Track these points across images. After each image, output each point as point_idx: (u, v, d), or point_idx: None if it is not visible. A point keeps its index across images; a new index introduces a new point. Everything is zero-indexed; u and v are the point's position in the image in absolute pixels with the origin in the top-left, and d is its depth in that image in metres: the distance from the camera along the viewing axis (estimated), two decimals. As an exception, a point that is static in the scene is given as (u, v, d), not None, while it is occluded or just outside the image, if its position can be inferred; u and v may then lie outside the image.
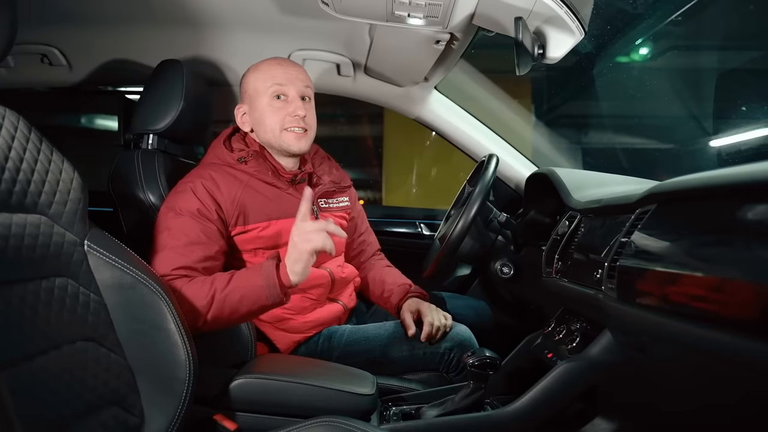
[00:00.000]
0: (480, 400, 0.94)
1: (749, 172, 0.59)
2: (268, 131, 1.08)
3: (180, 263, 0.93)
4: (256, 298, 0.89)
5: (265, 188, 1.08)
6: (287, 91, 1.07)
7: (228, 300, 0.89)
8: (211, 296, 0.89)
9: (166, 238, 0.96)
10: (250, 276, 0.91)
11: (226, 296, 0.89)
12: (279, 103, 1.07)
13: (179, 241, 0.95)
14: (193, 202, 0.99)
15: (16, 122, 0.70)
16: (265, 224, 1.05)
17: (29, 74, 1.45)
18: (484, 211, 1.37)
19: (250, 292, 0.89)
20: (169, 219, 0.98)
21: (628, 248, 0.77)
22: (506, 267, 1.37)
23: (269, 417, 0.86)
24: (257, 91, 1.08)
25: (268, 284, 0.89)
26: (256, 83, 1.09)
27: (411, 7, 0.95)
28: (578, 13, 0.93)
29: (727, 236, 0.61)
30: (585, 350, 0.88)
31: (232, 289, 0.90)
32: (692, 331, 0.61)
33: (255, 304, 0.90)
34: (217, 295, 0.89)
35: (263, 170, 1.08)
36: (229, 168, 1.07)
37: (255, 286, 0.89)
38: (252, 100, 1.10)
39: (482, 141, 1.58)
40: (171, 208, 0.99)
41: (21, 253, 0.65)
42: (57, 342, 0.66)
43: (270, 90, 1.07)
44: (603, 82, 3.06)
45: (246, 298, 0.89)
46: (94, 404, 0.68)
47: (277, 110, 1.07)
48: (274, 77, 1.07)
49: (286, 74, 1.08)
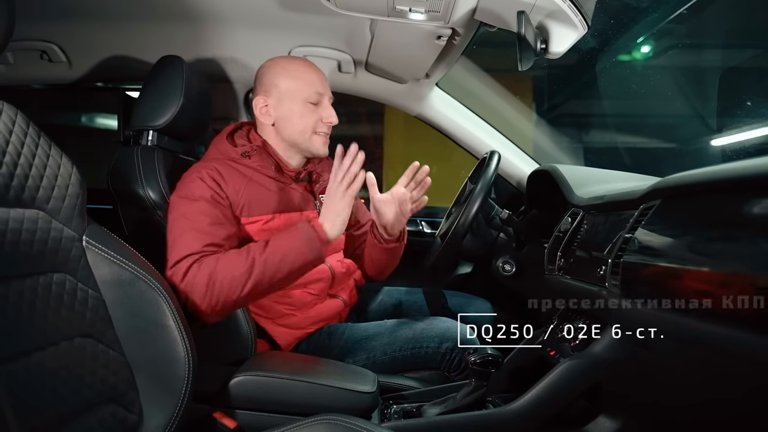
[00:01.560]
0: (482, 398, 0.94)
1: (753, 166, 0.58)
2: (297, 131, 1.10)
3: (208, 240, 0.94)
4: (297, 255, 0.93)
5: (269, 182, 1.09)
6: (323, 98, 1.12)
7: (269, 262, 0.92)
8: (250, 262, 0.91)
9: (187, 222, 0.97)
10: (288, 236, 0.95)
11: (266, 259, 0.92)
12: (313, 107, 1.11)
13: (201, 223, 0.96)
14: (206, 189, 1.00)
15: (14, 116, 0.69)
16: (269, 217, 1.06)
17: (28, 71, 1.45)
18: (485, 208, 1.37)
19: (291, 251, 0.93)
20: (184, 206, 0.99)
21: (632, 244, 0.76)
22: (508, 264, 1.36)
23: (269, 415, 0.85)
24: (291, 91, 1.09)
25: (309, 238, 0.93)
26: (291, 83, 1.09)
27: (412, 2, 0.95)
28: (581, 7, 0.92)
29: (732, 231, 0.60)
30: (588, 348, 0.87)
31: (272, 252, 0.92)
32: (697, 327, 0.61)
33: (296, 261, 0.93)
34: (257, 259, 0.91)
35: (266, 165, 1.09)
36: (233, 162, 1.07)
37: (294, 244, 0.93)
38: (283, 98, 1.10)
39: (483, 138, 1.57)
40: (184, 196, 1.00)
41: (18, 249, 0.64)
42: (54, 338, 0.66)
43: (309, 95, 1.09)
44: (604, 80, 3.05)
45: (287, 256, 0.92)
46: (92, 401, 0.68)
47: (311, 113, 1.10)
48: (313, 83, 1.10)
49: (321, 81, 1.12)
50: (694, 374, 0.69)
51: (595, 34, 2.47)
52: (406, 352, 1.09)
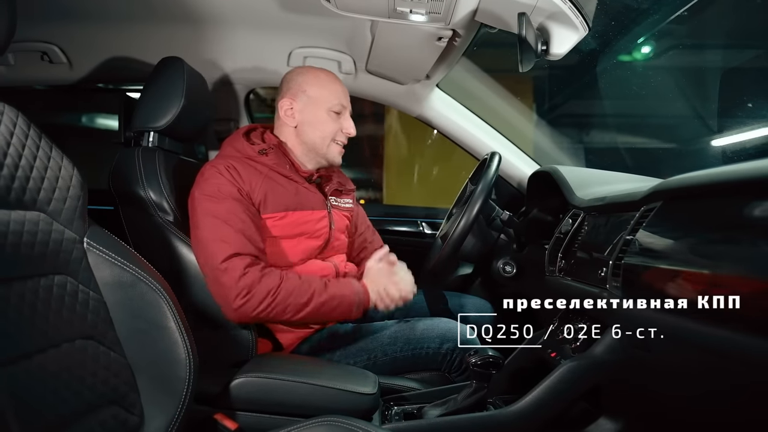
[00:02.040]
0: (483, 399, 0.93)
1: (755, 168, 0.58)
2: (318, 136, 1.16)
3: (249, 241, 0.99)
4: (347, 309, 1.03)
5: (284, 180, 1.11)
6: (345, 111, 1.19)
7: (326, 305, 1.01)
8: (309, 296, 0.99)
9: (219, 225, 0.99)
10: (344, 287, 1.04)
11: (324, 301, 1.01)
12: (335, 116, 1.17)
13: (234, 226, 0.99)
14: (229, 186, 1.03)
15: (15, 118, 0.69)
16: (282, 214, 1.08)
17: (29, 72, 1.45)
18: (486, 209, 1.37)
19: (344, 303, 1.02)
20: (211, 205, 1.01)
21: (633, 246, 0.76)
22: (509, 265, 1.36)
23: (270, 416, 0.85)
24: (320, 99, 1.16)
25: (360, 300, 1.04)
26: (321, 92, 1.16)
27: (413, 3, 0.95)
28: (582, 8, 0.92)
29: (734, 233, 0.60)
30: (589, 349, 0.87)
31: (331, 297, 1.01)
32: (699, 329, 0.60)
33: (344, 314, 1.04)
34: (316, 298, 1.00)
35: (282, 164, 1.12)
36: (249, 160, 1.10)
37: (348, 299, 1.03)
38: (311, 103, 1.16)
39: (484, 139, 1.57)
40: (209, 195, 1.02)
41: (19, 251, 0.64)
42: (56, 340, 0.66)
43: (335, 104, 1.16)
44: (604, 81, 3.05)
45: (341, 307, 1.02)
46: (94, 403, 0.68)
47: (333, 122, 1.16)
48: (339, 95, 1.17)
49: (346, 95, 1.20)
50: (695, 376, 0.69)
51: (596, 35, 2.47)
52: (407, 353, 1.09)
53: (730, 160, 1.78)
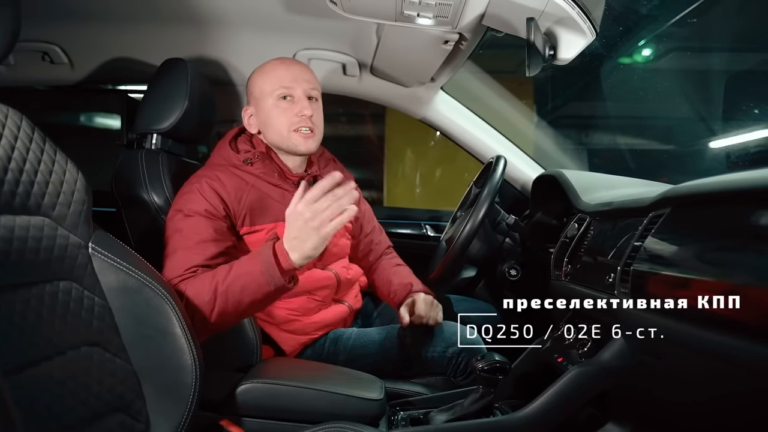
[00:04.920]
0: (489, 404, 0.93)
1: (766, 176, 0.58)
2: (276, 132, 1.07)
3: (193, 263, 0.91)
4: (257, 286, 0.83)
5: (272, 190, 1.07)
6: (293, 92, 1.06)
7: (230, 291, 0.84)
8: (213, 290, 0.84)
9: (178, 240, 0.95)
10: (249, 262, 0.85)
11: (228, 287, 0.84)
12: (285, 103, 1.06)
13: (191, 241, 0.94)
14: (201, 203, 0.98)
15: (19, 122, 0.68)
16: (271, 225, 1.04)
17: (30, 72, 1.43)
18: (492, 213, 1.36)
19: (251, 280, 0.83)
20: (178, 221, 0.97)
21: (642, 252, 0.75)
22: (514, 269, 1.36)
23: (276, 422, 0.85)
24: (263, 92, 1.07)
25: (267, 268, 0.82)
26: (263, 84, 1.08)
27: (421, 7, 0.94)
28: (590, 13, 0.92)
29: (743, 241, 0.60)
30: (597, 355, 0.86)
31: (233, 279, 0.84)
32: (708, 337, 0.60)
33: (258, 292, 0.83)
34: (219, 287, 0.84)
35: (269, 172, 1.07)
36: (235, 169, 1.05)
37: (254, 272, 0.83)
38: (258, 102, 1.09)
39: (488, 142, 1.57)
40: (179, 210, 0.98)
41: (24, 257, 0.63)
42: (61, 347, 0.65)
43: (276, 91, 1.06)
44: (605, 83, 3.06)
45: (248, 286, 0.84)
46: (99, 411, 0.67)
47: (283, 111, 1.06)
48: (280, 78, 1.06)
49: (291, 74, 1.07)
50: (706, 385, 0.69)
51: (599, 38, 2.47)
52: (412, 357, 1.08)
53: (734, 163, 1.78)
